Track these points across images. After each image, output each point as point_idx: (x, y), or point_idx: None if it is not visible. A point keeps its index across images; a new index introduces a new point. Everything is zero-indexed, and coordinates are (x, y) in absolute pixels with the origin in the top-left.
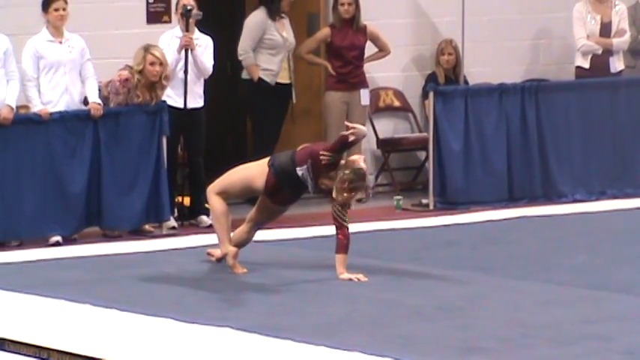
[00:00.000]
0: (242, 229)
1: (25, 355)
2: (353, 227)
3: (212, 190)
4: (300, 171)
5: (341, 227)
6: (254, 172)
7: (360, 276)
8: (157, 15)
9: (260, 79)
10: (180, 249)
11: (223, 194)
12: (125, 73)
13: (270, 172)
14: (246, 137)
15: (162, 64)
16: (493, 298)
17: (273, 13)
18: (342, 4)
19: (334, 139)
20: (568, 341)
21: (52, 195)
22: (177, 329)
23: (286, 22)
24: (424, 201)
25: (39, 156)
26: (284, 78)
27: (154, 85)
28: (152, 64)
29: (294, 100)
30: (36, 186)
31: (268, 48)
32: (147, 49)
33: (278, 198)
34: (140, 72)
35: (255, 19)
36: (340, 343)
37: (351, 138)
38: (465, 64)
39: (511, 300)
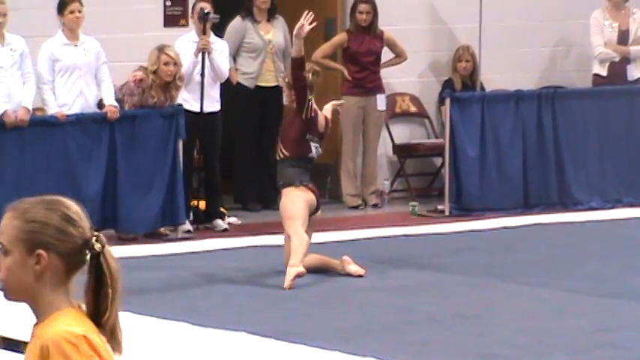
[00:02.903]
0: (315, 256)
1: None
2: (368, 233)
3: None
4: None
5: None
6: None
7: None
8: (174, 18)
9: (239, 83)
10: (196, 253)
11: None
12: (139, 74)
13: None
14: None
15: (176, 64)
16: (508, 305)
17: (248, 15)
18: (361, 13)
19: None
20: (583, 349)
21: (68, 197)
22: (191, 333)
23: (278, 23)
24: (440, 207)
25: (55, 158)
26: (268, 81)
27: (169, 86)
28: (166, 64)
29: (285, 102)
30: (51, 188)
31: (248, 51)
32: (161, 49)
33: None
34: (154, 72)
35: (233, 24)
36: (354, 348)
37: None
38: (482, 70)
39: (526, 307)
